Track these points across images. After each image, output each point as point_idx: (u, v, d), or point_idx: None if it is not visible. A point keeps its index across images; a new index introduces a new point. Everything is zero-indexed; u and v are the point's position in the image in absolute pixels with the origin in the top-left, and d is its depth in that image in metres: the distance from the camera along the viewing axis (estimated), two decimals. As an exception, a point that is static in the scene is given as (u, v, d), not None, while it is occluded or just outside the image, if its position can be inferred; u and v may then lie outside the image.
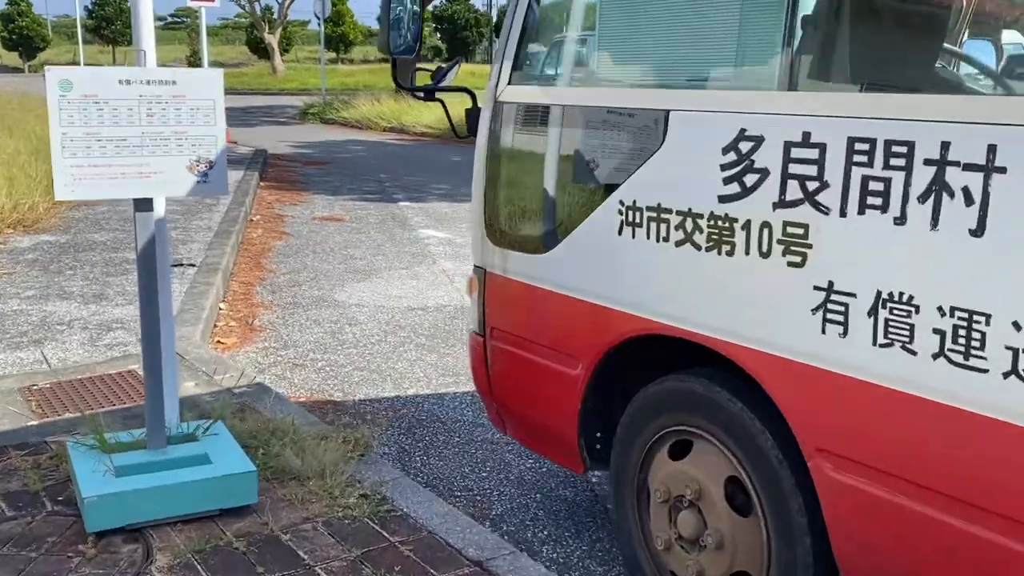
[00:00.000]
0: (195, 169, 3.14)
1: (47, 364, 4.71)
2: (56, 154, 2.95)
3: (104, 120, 3.01)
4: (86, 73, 3.00)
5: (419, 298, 6.92)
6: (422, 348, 5.71)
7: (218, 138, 3.16)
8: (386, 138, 22.34)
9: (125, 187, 3.07)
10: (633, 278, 2.67)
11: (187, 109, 3.11)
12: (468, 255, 8.94)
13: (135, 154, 3.07)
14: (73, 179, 2.99)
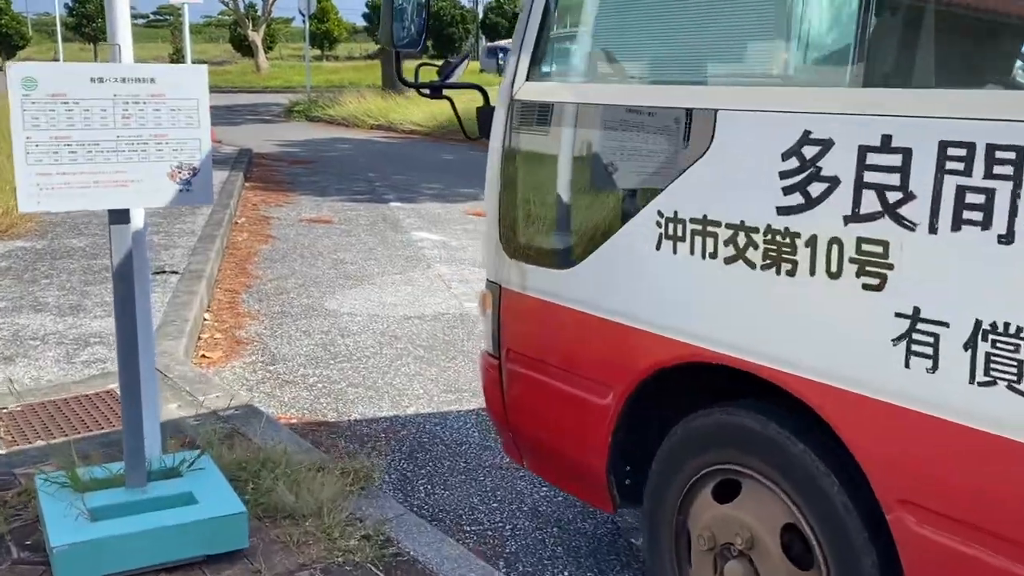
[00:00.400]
0: (177, 176, 2.82)
1: (15, 385, 4.37)
2: (19, 161, 2.62)
3: (74, 122, 2.68)
4: (53, 69, 2.66)
5: (415, 306, 6.60)
6: (421, 361, 5.39)
7: (202, 142, 2.84)
8: (373, 136, 21.99)
9: (99, 197, 2.74)
10: (675, 298, 2.37)
11: (167, 110, 2.78)
12: (464, 259, 8.68)
13: (109, 160, 2.74)
14: (39, 189, 2.66)
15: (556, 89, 2.76)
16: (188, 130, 2.81)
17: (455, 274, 7.59)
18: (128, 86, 2.72)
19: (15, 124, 2.60)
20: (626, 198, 2.53)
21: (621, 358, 2.54)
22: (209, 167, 2.86)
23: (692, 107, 2.29)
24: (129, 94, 2.73)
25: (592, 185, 2.67)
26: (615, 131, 2.55)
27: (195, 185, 2.85)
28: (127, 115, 2.74)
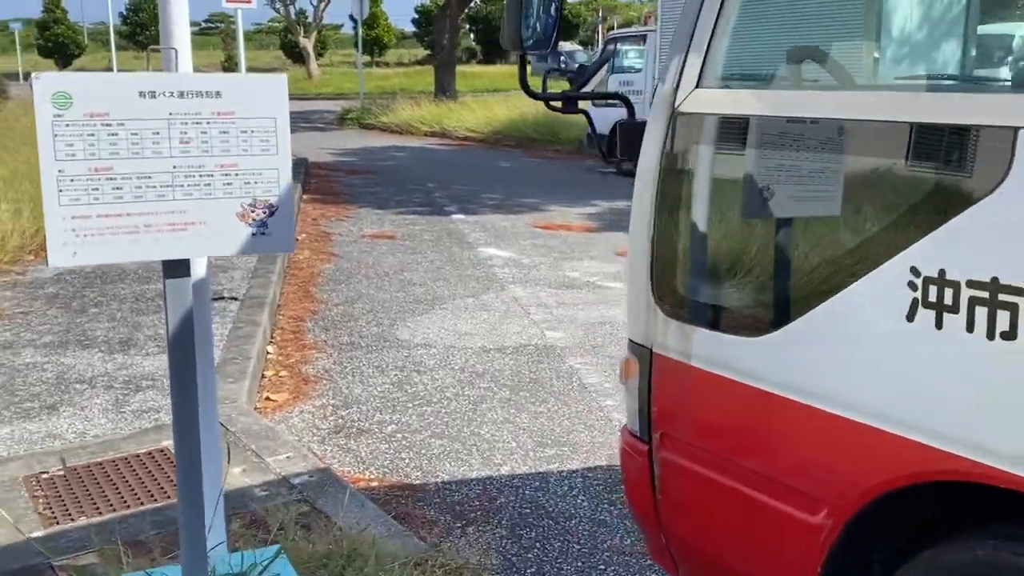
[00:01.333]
0: (249, 217, 2.22)
1: (58, 443, 3.83)
2: (49, 202, 2.04)
3: (119, 150, 2.09)
4: (92, 82, 2.08)
5: (493, 336, 5.98)
6: (508, 405, 4.76)
7: (280, 172, 2.24)
8: (428, 143, 21.50)
9: (150, 245, 2.15)
10: (939, 392, 1.70)
11: (237, 132, 2.18)
12: (539, 279, 8.04)
13: (164, 197, 2.15)
14: (74, 236, 2.07)
15: (745, 98, 2.10)
16: (264, 157, 2.21)
17: (531, 297, 6.96)
18: (187, 102, 2.13)
19: (44, 154, 2.02)
20: (857, 246, 1.87)
21: (845, 466, 1.88)
22: (290, 204, 2.26)
23: (978, 123, 1.63)
24: (188, 112, 2.14)
25: (801, 225, 2.02)
26: (842, 154, 1.89)
27: (272, 227, 2.24)
28: (186, 139, 2.14)
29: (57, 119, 2.02)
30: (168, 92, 2.11)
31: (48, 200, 2.04)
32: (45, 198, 2.03)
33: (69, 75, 2.04)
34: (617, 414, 4.63)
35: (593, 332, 6.07)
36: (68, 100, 2.03)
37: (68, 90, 2.02)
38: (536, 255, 8.58)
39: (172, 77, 2.17)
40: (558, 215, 10.91)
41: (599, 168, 15.89)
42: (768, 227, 2.06)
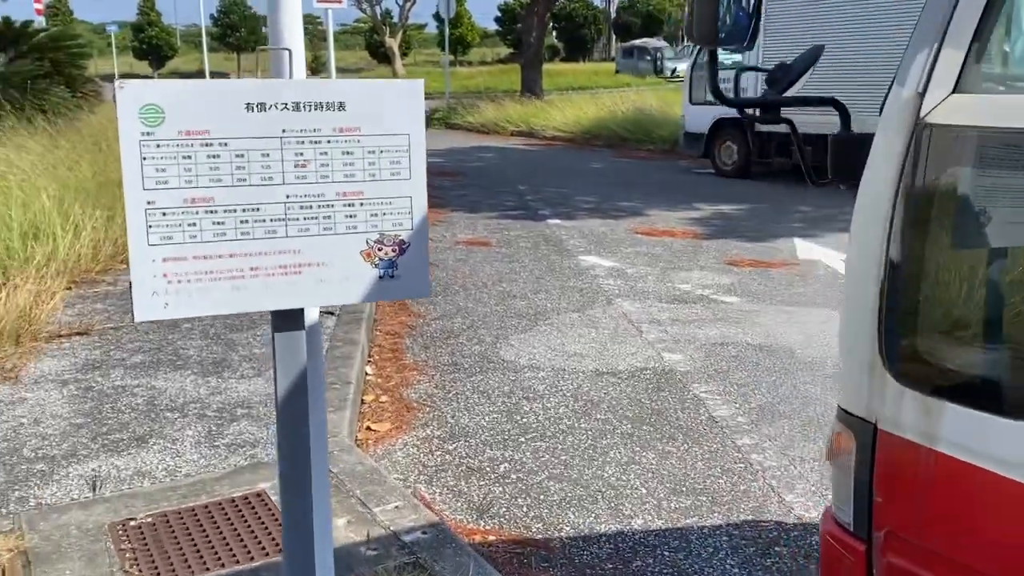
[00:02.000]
0: (375, 256, 1.80)
1: (146, 482, 3.49)
2: (136, 241, 1.65)
3: (221, 176, 1.69)
4: (189, 91, 1.68)
5: (605, 357, 5.51)
6: (631, 440, 4.29)
7: (414, 201, 1.81)
8: (514, 143, 21.12)
9: (258, 293, 1.74)
10: None
11: (363, 152, 1.77)
12: (648, 291, 7.49)
13: (274, 234, 1.74)
14: (167, 283, 1.68)
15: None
16: (394, 183, 1.79)
17: (642, 313, 6.47)
18: (304, 116, 1.72)
19: (130, 181, 1.62)
20: None
21: None
22: (424, 240, 1.84)
23: None
24: (306, 129, 1.72)
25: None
26: None
27: (403, 268, 1.82)
28: (302, 162, 1.73)
29: (146, 138, 1.63)
30: (281, 104, 1.70)
31: (134, 239, 1.64)
32: (131, 236, 1.64)
33: (161, 84, 1.65)
34: (756, 455, 4.12)
35: (715, 355, 5.55)
36: (159, 115, 1.63)
37: (159, 102, 1.63)
38: (641, 264, 8.08)
39: (285, 85, 1.76)
40: (659, 220, 10.37)
41: (696, 169, 15.28)
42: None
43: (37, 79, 12.40)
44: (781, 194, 12.40)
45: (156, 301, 1.67)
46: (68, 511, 3.28)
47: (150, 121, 1.63)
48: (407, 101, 1.79)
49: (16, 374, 4.71)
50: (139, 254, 1.65)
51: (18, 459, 3.75)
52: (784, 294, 7.00)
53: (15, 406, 4.31)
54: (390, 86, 1.80)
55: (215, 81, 1.64)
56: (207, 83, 1.65)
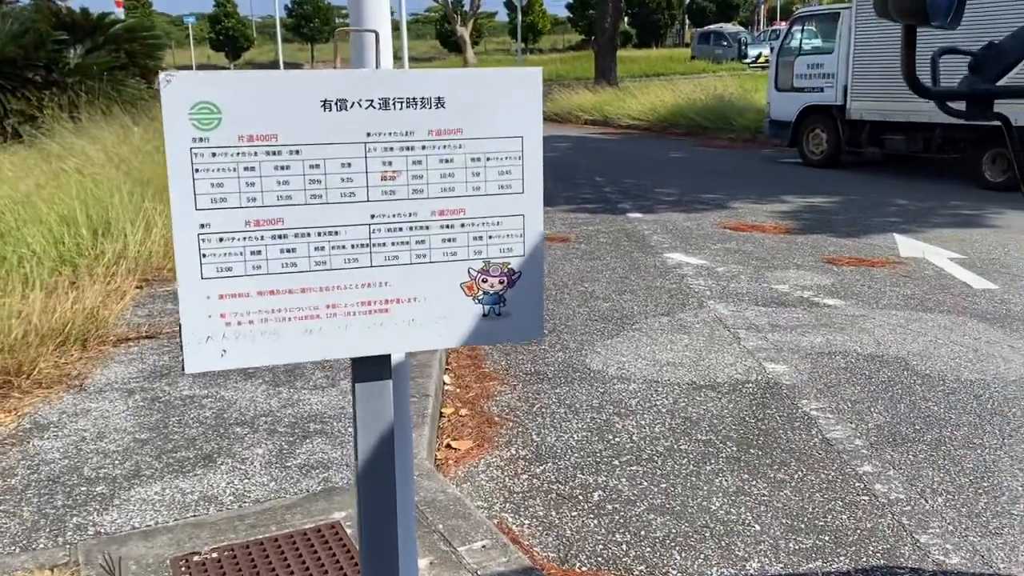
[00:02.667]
0: (478, 289, 1.44)
1: (212, 509, 3.21)
2: (186, 272, 1.31)
3: (291, 192, 1.35)
4: (251, 86, 1.33)
5: (701, 368, 5.09)
6: (737, 466, 3.88)
7: (527, 221, 1.45)
8: (589, 132, 20.68)
9: (336, 336, 1.41)
10: None
11: (465, 160, 1.41)
12: (742, 293, 6.93)
13: (356, 263, 1.40)
14: (223, 324, 1.34)
15: None
16: (503, 199, 1.43)
17: (737, 317, 6.02)
18: (394, 116, 1.36)
19: (178, 199, 1.29)
20: None
21: None
22: (539, 270, 1.47)
23: None
24: (396, 132, 1.37)
25: None
26: None
27: (512, 304, 1.46)
28: (391, 173, 1.39)
29: (199, 145, 1.30)
30: (366, 100, 1.35)
31: (184, 271, 1.31)
32: (180, 268, 1.31)
33: (216, 77, 1.31)
34: (880, 486, 3.68)
35: (822, 365, 5.09)
36: (215, 115, 1.29)
37: (215, 100, 1.29)
38: (731, 262, 7.62)
39: (371, 77, 1.40)
40: (747, 213, 9.86)
41: (781, 158, 14.67)
42: None
43: (113, 70, 12.38)
44: (874, 185, 11.77)
45: (211, 348, 1.34)
46: (128, 542, 3.02)
47: (203, 123, 1.29)
48: (521, 94, 1.42)
49: (81, 382, 4.50)
50: (190, 290, 1.32)
51: (78, 479, 3.51)
52: (891, 297, 6.48)
53: (78, 418, 4.08)
54: (500, 76, 1.43)
55: (284, 73, 1.31)
56: (274, 75, 1.31)
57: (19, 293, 4.84)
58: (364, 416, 1.48)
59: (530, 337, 1.56)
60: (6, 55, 11.44)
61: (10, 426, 3.94)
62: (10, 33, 11.75)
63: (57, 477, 3.52)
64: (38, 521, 3.19)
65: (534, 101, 1.41)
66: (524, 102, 1.41)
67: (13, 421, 3.98)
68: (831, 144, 13.33)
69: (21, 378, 4.29)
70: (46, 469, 3.58)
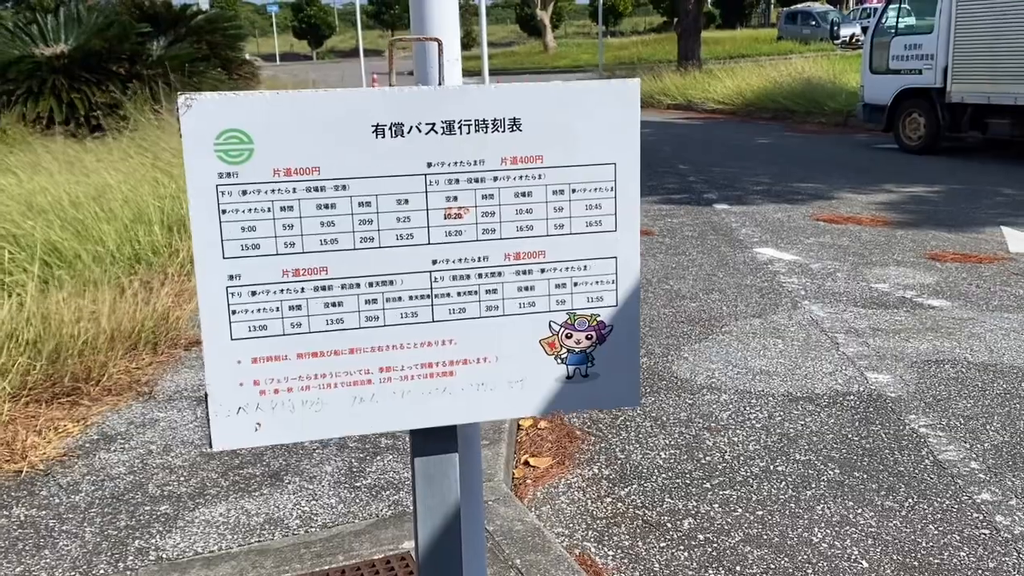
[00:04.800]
0: (561, 346, 1.19)
1: (278, 534, 3.04)
2: (212, 332, 1.10)
3: (337, 234, 1.12)
4: (287, 108, 1.10)
5: (797, 377, 4.75)
6: (841, 492, 3.56)
7: (621, 264, 1.20)
8: (672, 117, 20.17)
9: (390, 406, 1.18)
10: None
11: (546, 194, 1.17)
12: (837, 292, 6.46)
13: (415, 318, 1.17)
14: (257, 393, 1.13)
15: None
16: (592, 239, 1.18)
17: (835, 319, 5.64)
18: (460, 142, 1.12)
19: (203, 245, 1.08)
20: None
21: None
22: (635, 323, 1.21)
23: None
24: (463, 161, 1.13)
25: None
26: None
27: (602, 364, 1.21)
28: (456, 211, 1.15)
29: (227, 182, 1.07)
30: (426, 124, 1.11)
31: (210, 330, 1.10)
32: (206, 327, 1.10)
33: (246, 100, 1.08)
34: (1003, 518, 3.33)
35: (930, 376, 4.70)
36: (245, 145, 1.07)
37: (246, 127, 1.07)
38: (826, 258, 7.20)
39: (432, 96, 1.16)
40: (842, 204, 9.38)
41: (876, 143, 14.02)
42: None
43: (195, 62, 12.45)
44: (977, 173, 11.11)
45: (243, 421, 1.13)
46: (189, 570, 2.86)
47: (232, 156, 1.07)
48: (614, 112, 1.16)
49: (151, 388, 4.39)
50: (218, 353, 1.10)
51: (142, 497, 3.38)
52: (1003, 297, 6.01)
53: (146, 429, 3.97)
54: (588, 91, 1.18)
55: (327, 93, 1.07)
56: (315, 96, 1.08)
57: (91, 294, 4.77)
58: (425, 496, 1.25)
59: (623, 404, 1.31)
60: (91, 48, 11.58)
61: (78, 437, 3.85)
62: (96, 27, 11.90)
63: (121, 495, 3.40)
64: (100, 544, 3.06)
65: (630, 120, 1.15)
66: (618, 121, 1.16)
67: (81, 431, 3.89)
68: (929, 129, 12.65)
69: (91, 384, 4.21)
70: (110, 485, 3.47)
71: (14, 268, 4.96)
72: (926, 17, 12.80)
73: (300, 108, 1.11)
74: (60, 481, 3.50)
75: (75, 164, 7.62)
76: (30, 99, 11.28)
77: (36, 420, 3.91)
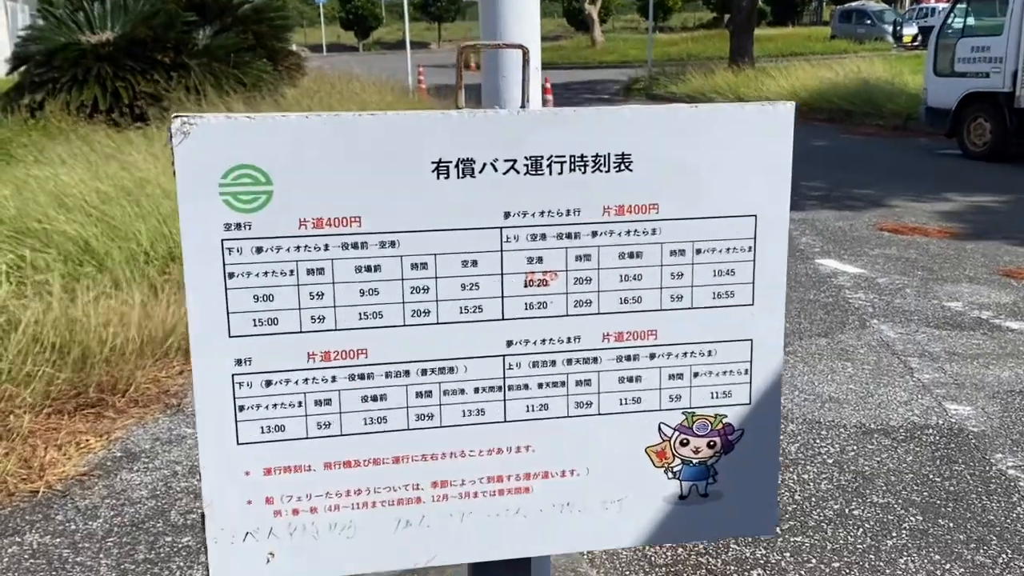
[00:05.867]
0: (673, 456, 0.88)
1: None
2: (211, 432, 0.80)
3: (382, 305, 0.82)
4: (316, 136, 0.80)
5: (870, 406, 4.40)
6: (924, 541, 3.21)
7: (758, 347, 0.88)
8: (723, 116, 19.66)
9: (443, 532, 0.87)
10: None
11: (662, 255, 0.85)
12: (908, 310, 5.96)
13: (480, 417, 0.86)
14: (271, 514, 0.83)
15: None
16: (720, 313, 0.87)
17: (907, 341, 5.27)
18: (549, 185, 0.82)
19: (201, 317, 0.78)
20: None
21: None
22: (774, 426, 0.90)
23: None
24: (551, 211, 0.83)
25: None
26: None
27: (727, 481, 0.90)
28: (538, 278, 0.84)
29: (235, 236, 0.79)
30: (505, 160, 0.81)
31: (209, 430, 0.81)
32: (202, 425, 0.81)
33: (263, 124, 0.79)
34: (1113, 584, 2.96)
35: (1016, 408, 4.32)
36: (261, 187, 0.79)
37: (260, 163, 0.78)
38: (893, 272, 6.80)
39: (512, 123, 0.86)
40: (906, 213, 8.94)
41: (937, 148, 13.48)
42: None
43: (240, 51, 12.28)
44: (1049, 182, 10.60)
45: (253, 551, 0.85)
46: (210, 615, 2.61)
47: (244, 200, 0.79)
48: (758, 146, 0.86)
49: (180, 401, 4.16)
50: (219, 461, 0.82)
51: (163, 525, 3.14)
52: (1089, 322, 5.59)
53: (172, 447, 3.74)
54: (722, 118, 0.87)
55: (371, 118, 0.79)
56: (354, 121, 0.80)
57: (121, 296, 4.55)
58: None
59: (753, 532, 1.00)
60: (137, 36, 11.45)
61: (100, 453, 3.63)
62: (142, 15, 11.77)
63: (141, 522, 3.16)
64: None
65: (779, 157, 0.85)
66: (762, 158, 0.86)
67: (104, 447, 3.66)
68: (996, 135, 12.12)
69: (116, 396, 3.98)
70: (131, 511, 3.23)
71: (42, 266, 4.76)
72: (995, 18, 12.26)
73: (334, 136, 0.82)
74: (79, 504, 3.27)
75: (114, 157, 7.45)
76: (75, 87, 11.18)
77: (58, 433, 3.69)
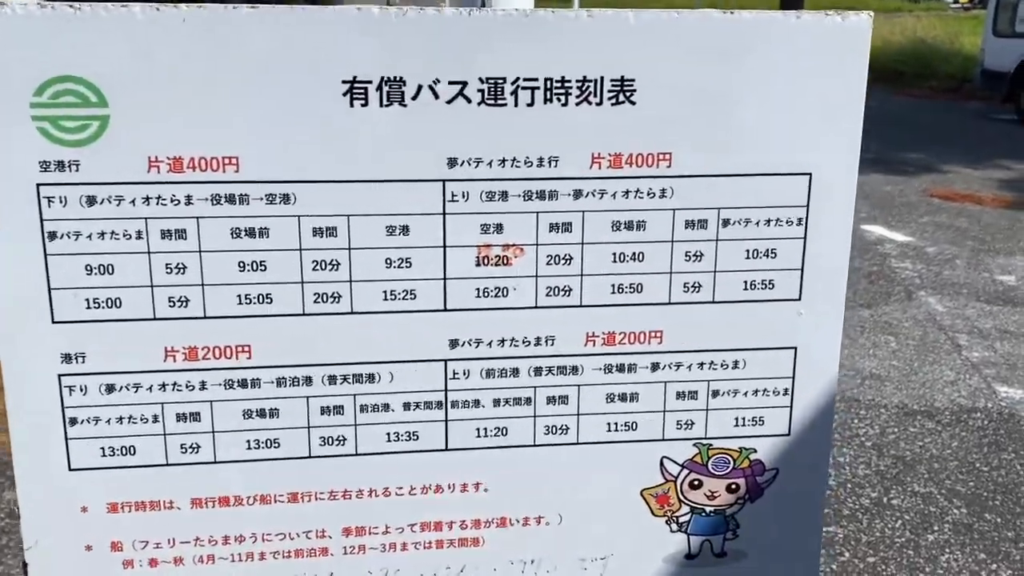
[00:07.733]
0: (678, 502, 0.64)
1: None
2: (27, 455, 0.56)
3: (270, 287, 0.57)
4: (169, 35, 0.55)
5: (913, 384, 4.11)
6: (969, 538, 2.95)
7: (804, 354, 0.62)
8: (769, 74, 19.10)
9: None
10: None
11: (673, 226, 0.59)
12: (957, 282, 5.41)
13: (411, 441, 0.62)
14: (117, 566, 0.59)
15: None
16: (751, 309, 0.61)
17: (956, 316, 4.95)
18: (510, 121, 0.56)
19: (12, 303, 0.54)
20: None
21: None
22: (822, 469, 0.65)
23: None
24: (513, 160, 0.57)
25: None
26: None
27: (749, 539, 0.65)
28: (494, 255, 0.59)
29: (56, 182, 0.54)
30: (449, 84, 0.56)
31: (26, 453, 0.58)
32: (16, 445, 0.59)
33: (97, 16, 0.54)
34: None
35: (1073, 395, 4.02)
36: (95, 111, 0.53)
37: (89, 75, 0.53)
38: (943, 241, 6.45)
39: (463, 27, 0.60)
40: (958, 179, 8.52)
41: (992, 113, 12.93)
42: None
43: None
44: (1112, 152, 10.07)
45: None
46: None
47: (66, 129, 0.54)
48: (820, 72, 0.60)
49: None
50: (43, 492, 0.59)
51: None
52: None
53: None
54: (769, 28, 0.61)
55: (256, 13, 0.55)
56: (231, 16, 0.55)
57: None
58: None
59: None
60: None
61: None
62: None
63: None
64: None
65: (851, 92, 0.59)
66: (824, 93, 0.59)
67: None
68: (1057, 100, 11.58)
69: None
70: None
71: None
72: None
73: (202, 40, 0.57)
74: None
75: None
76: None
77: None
